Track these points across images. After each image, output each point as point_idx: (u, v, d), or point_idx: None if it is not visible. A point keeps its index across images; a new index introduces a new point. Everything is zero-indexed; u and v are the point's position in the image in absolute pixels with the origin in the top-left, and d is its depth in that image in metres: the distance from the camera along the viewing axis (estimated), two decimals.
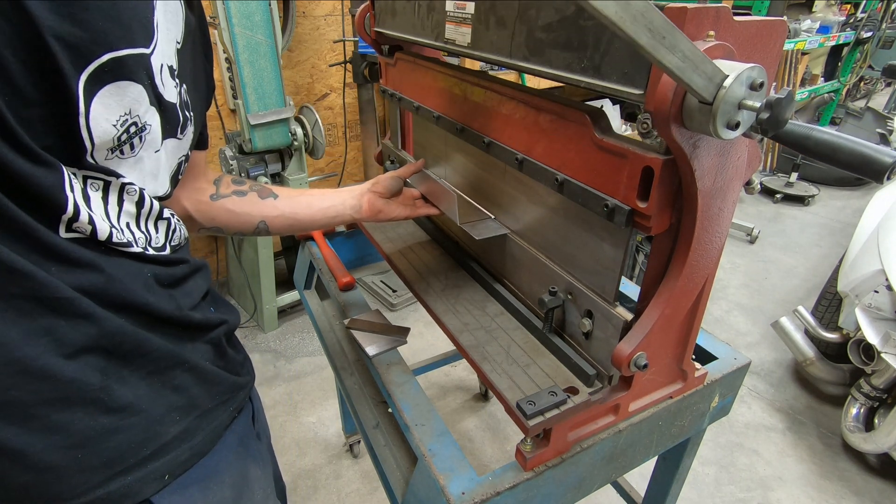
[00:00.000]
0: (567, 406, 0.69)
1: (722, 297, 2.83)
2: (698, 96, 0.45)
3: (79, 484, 0.49)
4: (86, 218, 0.48)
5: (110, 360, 0.50)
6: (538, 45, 0.67)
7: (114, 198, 0.53)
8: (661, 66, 0.41)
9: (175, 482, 0.55)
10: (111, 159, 0.51)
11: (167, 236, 0.61)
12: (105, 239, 0.50)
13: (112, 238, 0.51)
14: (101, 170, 0.51)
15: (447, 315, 0.90)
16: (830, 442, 1.97)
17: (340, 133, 2.83)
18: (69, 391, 0.47)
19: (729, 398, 0.96)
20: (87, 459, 0.49)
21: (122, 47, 0.47)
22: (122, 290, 0.51)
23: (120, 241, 0.52)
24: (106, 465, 0.50)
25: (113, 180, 0.52)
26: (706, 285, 0.71)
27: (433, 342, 2.43)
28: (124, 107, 0.50)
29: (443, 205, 0.98)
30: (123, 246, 0.52)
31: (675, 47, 0.41)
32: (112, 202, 0.53)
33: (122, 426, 0.51)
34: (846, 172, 0.61)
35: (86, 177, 0.50)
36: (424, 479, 0.75)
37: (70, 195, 0.47)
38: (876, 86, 6.44)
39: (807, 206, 4.00)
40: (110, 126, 0.49)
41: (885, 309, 1.75)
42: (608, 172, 0.64)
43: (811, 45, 4.11)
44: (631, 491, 1.42)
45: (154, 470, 0.53)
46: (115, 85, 0.48)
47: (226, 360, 0.64)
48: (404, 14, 1.00)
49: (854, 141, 0.47)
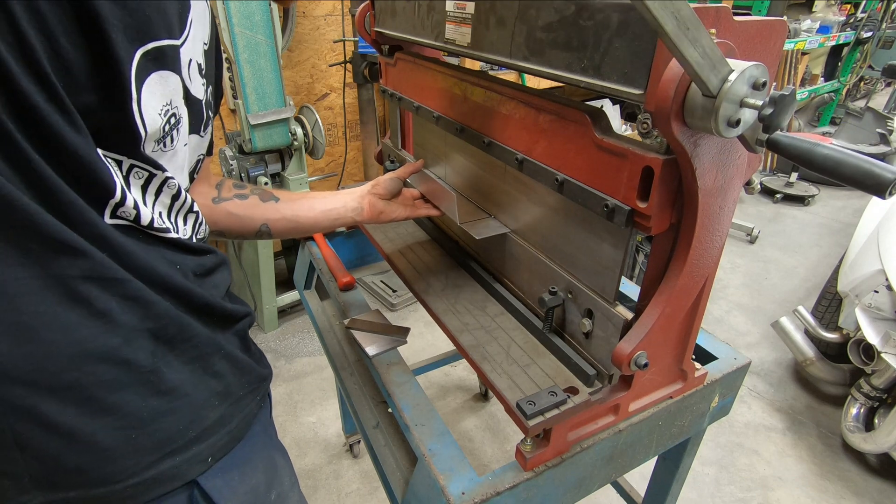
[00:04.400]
0: (567, 406, 0.69)
1: (722, 297, 2.83)
2: (703, 88, 0.45)
3: (131, 465, 0.50)
4: (131, 203, 0.49)
5: (158, 343, 0.51)
6: (538, 45, 0.67)
7: (153, 189, 0.54)
8: (679, 57, 0.42)
9: (217, 465, 0.57)
10: (156, 151, 0.53)
11: (194, 229, 0.62)
12: (147, 224, 0.51)
13: (153, 224, 0.52)
14: (149, 161, 0.52)
15: (447, 315, 0.90)
16: (830, 442, 1.97)
17: (340, 133, 2.83)
18: (123, 373, 0.49)
19: (729, 398, 0.96)
20: (139, 440, 0.50)
21: (162, 37, 0.49)
22: (164, 274, 0.52)
23: (160, 227, 0.53)
24: (156, 446, 0.51)
25: (158, 173, 0.53)
26: (706, 285, 0.71)
27: (433, 342, 2.43)
28: (166, 97, 0.51)
29: (443, 205, 0.98)
30: (162, 232, 0.53)
31: (697, 41, 0.41)
32: (150, 193, 0.54)
33: (170, 409, 0.52)
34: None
35: (131, 166, 0.51)
36: (424, 479, 0.75)
37: (118, 181, 0.48)
38: (876, 86, 6.44)
39: (807, 206, 4.00)
40: (157, 115, 0.50)
41: (885, 309, 1.75)
42: (608, 172, 0.64)
43: (811, 45, 4.11)
44: (631, 491, 1.42)
45: (199, 452, 0.55)
46: (159, 74, 0.50)
47: (250, 352, 0.66)
48: (404, 14, 1.00)
49: (857, 157, 0.48)
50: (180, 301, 0.54)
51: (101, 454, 0.48)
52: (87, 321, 0.46)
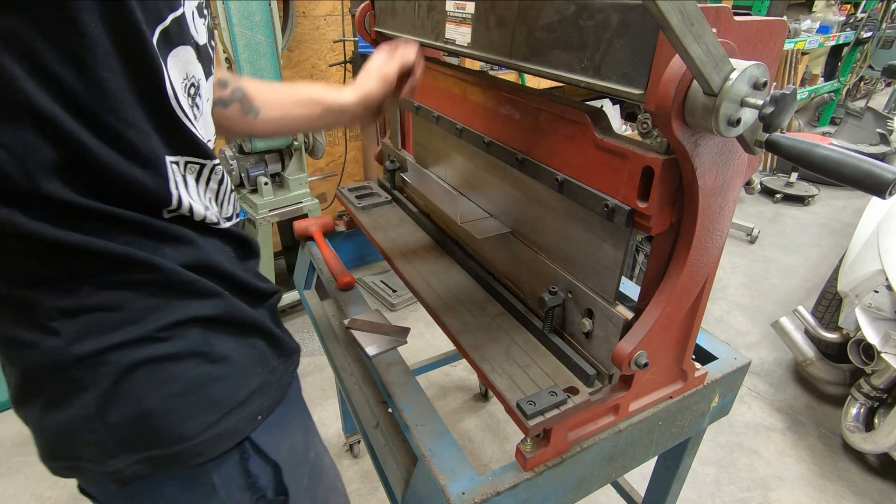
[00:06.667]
0: (567, 406, 0.69)
1: (722, 297, 2.83)
2: (705, 86, 0.45)
3: (198, 424, 0.56)
4: (187, 206, 0.54)
5: (208, 323, 0.57)
6: (538, 45, 0.67)
7: (203, 180, 0.58)
8: (683, 54, 0.42)
9: (264, 423, 0.63)
10: (196, 129, 0.55)
11: (234, 207, 0.66)
12: (200, 220, 0.56)
13: (206, 219, 0.57)
14: (199, 153, 0.55)
15: (447, 315, 0.90)
16: (830, 442, 1.97)
17: (340, 133, 2.83)
18: (181, 347, 0.55)
19: (729, 398, 0.96)
20: (200, 403, 0.56)
21: (166, 15, 0.50)
22: (216, 262, 0.58)
23: (210, 221, 0.58)
24: (215, 407, 0.57)
25: (207, 163, 0.57)
26: (706, 284, 0.71)
27: (433, 342, 2.43)
28: (183, 71, 0.53)
29: (443, 204, 0.98)
30: (213, 224, 0.59)
31: (701, 37, 0.41)
32: (202, 182, 0.58)
33: (222, 374, 0.58)
34: None
35: (186, 163, 0.54)
36: (424, 479, 0.75)
37: (175, 192, 0.53)
38: (876, 86, 6.44)
39: (807, 206, 4.00)
40: (185, 97, 0.52)
41: (885, 309, 1.75)
42: (608, 172, 0.64)
43: (811, 45, 4.11)
44: (631, 491, 1.42)
45: (250, 412, 0.61)
46: (174, 54, 0.51)
47: (280, 328, 0.70)
48: (404, 14, 1.00)
49: (856, 157, 0.48)
50: (229, 286, 0.59)
51: (172, 416, 0.54)
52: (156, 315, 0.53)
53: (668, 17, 0.39)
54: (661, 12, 0.39)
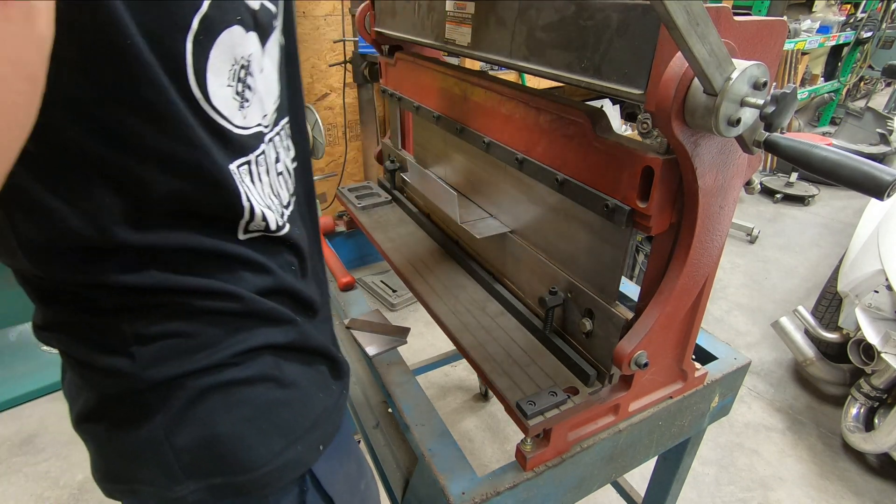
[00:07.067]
0: (567, 406, 0.69)
1: (722, 297, 2.83)
2: (707, 85, 0.46)
3: (265, 453, 0.54)
4: (259, 214, 0.50)
5: (280, 348, 0.55)
6: (538, 45, 0.67)
7: (256, 173, 0.52)
8: (687, 53, 0.42)
9: (325, 453, 0.60)
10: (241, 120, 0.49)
11: (288, 186, 0.60)
12: (275, 228, 0.52)
13: (271, 227, 0.52)
14: (246, 147, 0.49)
15: (447, 315, 0.90)
16: (830, 442, 1.97)
17: (340, 133, 2.83)
18: (253, 372, 0.53)
19: (729, 398, 0.96)
20: (268, 429, 0.54)
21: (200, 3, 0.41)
22: (289, 285, 0.55)
23: (276, 227, 0.53)
24: (282, 435, 0.55)
25: (252, 158, 0.51)
26: (706, 284, 0.71)
27: (433, 342, 2.42)
28: (227, 60, 0.44)
29: (443, 204, 0.98)
30: (278, 231, 0.54)
31: (705, 37, 0.42)
32: (256, 177, 0.52)
33: (290, 400, 0.56)
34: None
35: (239, 165, 0.49)
36: (425, 479, 0.75)
37: (247, 204, 0.49)
38: (876, 86, 6.44)
39: (807, 206, 4.00)
40: (226, 88, 0.45)
41: (885, 309, 1.75)
42: (608, 172, 0.64)
43: (811, 45, 4.11)
44: (631, 491, 1.42)
45: (313, 440, 0.58)
46: (215, 47, 0.43)
47: (336, 345, 0.67)
48: (404, 14, 1.00)
49: (855, 158, 0.48)
50: (297, 306, 0.57)
51: (240, 442, 0.52)
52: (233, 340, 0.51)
53: (674, 17, 0.39)
54: (667, 12, 0.39)
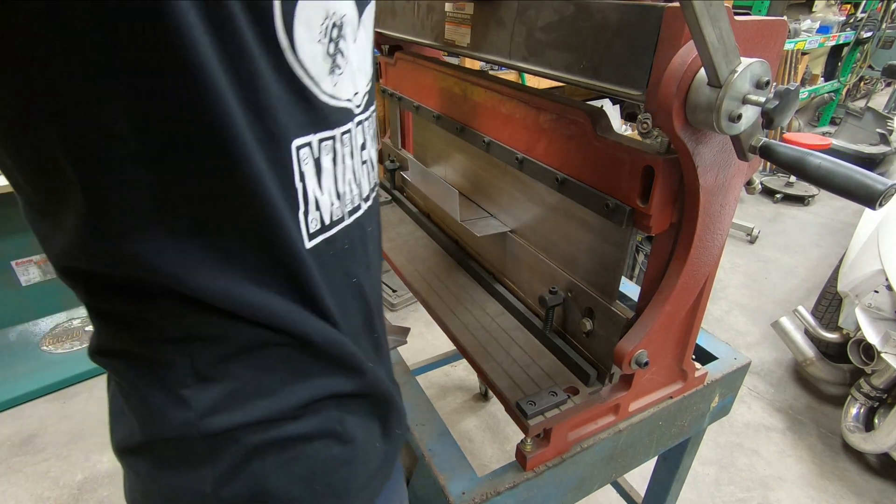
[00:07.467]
0: (567, 406, 0.69)
1: (722, 297, 2.83)
2: (712, 75, 0.46)
3: None
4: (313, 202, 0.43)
5: (344, 398, 0.50)
6: (537, 45, 0.67)
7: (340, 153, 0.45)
8: (698, 36, 0.42)
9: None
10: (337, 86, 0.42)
11: (371, 178, 0.52)
12: (329, 223, 0.45)
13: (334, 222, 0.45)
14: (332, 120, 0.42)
15: (447, 315, 0.90)
16: (830, 442, 1.97)
17: None
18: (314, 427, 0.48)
19: (729, 398, 0.96)
20: (322, 489, 0.49)
21: None
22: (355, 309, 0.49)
23: (336, 219, 0.46)
24: (336, 494, 0.50)
25: (336, 133, 0.43)
26: (707, 284, 0.71)
27: (433, 342, 2.42)
28: (321, 13, 0.38)
29: (443, 204, 0.98)
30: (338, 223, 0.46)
31: (717, 21, 0.42)
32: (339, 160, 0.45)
33: (348, 457, 0.51)
34: None
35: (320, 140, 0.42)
36: (425, 479, 0.75)
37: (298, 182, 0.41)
38: (876, 86, 6.44)
39: (807, 206, 4.00)
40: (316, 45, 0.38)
41: (885, 309, 1.75)
42: (609, 172, 0.64)
43: (811, 45, 4.11)
44: (631, 491, 1.42)
45: (366, 497, 0.54)
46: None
47: (395, 383, 0.62)
48: (404, 14, 1.00)
49: (848, 167, 0.48)
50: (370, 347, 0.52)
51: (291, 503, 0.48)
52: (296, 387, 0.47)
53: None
54: None
